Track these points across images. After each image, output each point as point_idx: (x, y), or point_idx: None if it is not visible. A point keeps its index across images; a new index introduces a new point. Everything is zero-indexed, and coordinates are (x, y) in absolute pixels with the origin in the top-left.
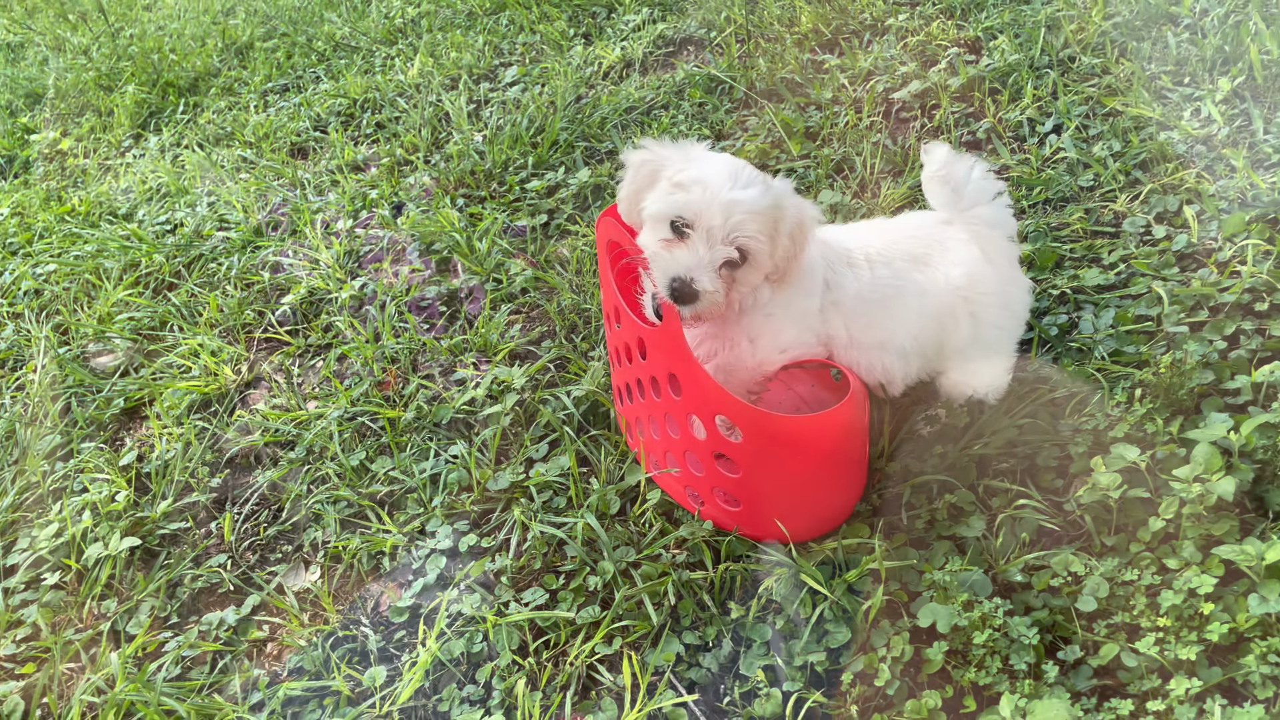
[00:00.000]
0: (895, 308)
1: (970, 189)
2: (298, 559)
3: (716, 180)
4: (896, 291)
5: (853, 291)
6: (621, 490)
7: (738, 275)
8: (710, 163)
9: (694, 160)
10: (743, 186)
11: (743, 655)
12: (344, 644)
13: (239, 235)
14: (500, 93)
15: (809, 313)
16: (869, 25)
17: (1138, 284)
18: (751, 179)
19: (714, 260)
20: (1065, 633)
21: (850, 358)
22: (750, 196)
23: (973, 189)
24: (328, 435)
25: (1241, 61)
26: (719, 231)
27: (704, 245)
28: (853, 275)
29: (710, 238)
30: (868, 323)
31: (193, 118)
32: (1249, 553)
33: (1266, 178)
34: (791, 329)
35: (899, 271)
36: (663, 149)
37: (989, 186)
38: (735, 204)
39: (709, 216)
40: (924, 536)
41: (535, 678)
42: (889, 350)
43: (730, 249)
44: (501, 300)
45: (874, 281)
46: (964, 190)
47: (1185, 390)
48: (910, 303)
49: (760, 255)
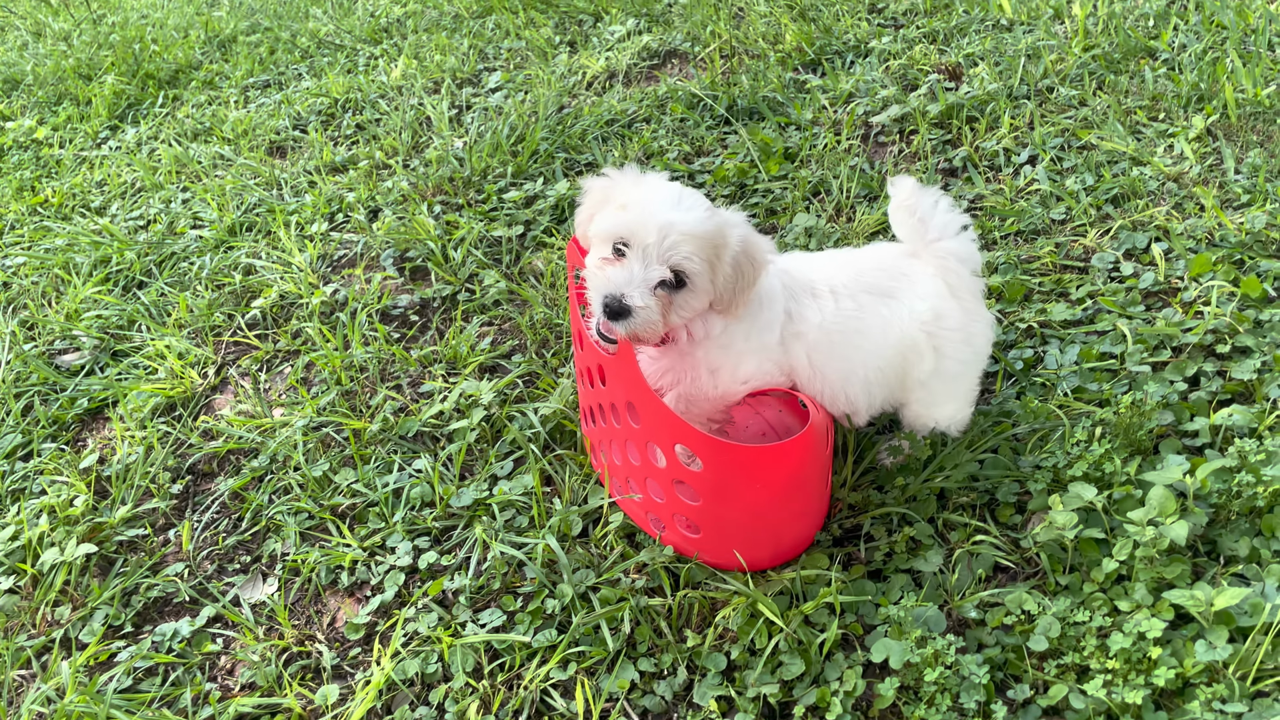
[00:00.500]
0: (858, 340)
1: (936, 221)
2: (256, 571)
3: (657, 202)
4: (860, 324)
5: (815, 322)
6: (584, 512)
7: (675, 299)
8: (657, 188)
9: (642, 184)
10: (684, 210)
11: (697, 684)
12: (298, 660)
13: (212, 234)
14: (483, 98)
15: (768, 345)
16: (852, 46)
17: (1103, 320)
18: (695, 204)
19: (648, 279)
20: (1016, 671)
21: (814, 388)
22: (689, 219)
23: (938, 221)
24: (292, 444)
25: (1216, 99)
26: (654, 250)
27: (639, 264)
28: (816, 306)
29: (645, 256)
30: (830, 354)
31: (171, 111)
32: (1199, 598)
33: (1234, 218)
34: (752, 360)
35: (863, 305)
36: (619, 175)
37: (955, 220)
38: (672, 225)
39: (644, 235)
40: (882, 569)
41: (489, 701)
42: (852, 381)
43: (664, 269)
44: (474, 311)
45: (838, 313)
46: (930, 222)
47: (1144, 431)
48: (874, 336)
49: (699, 279)
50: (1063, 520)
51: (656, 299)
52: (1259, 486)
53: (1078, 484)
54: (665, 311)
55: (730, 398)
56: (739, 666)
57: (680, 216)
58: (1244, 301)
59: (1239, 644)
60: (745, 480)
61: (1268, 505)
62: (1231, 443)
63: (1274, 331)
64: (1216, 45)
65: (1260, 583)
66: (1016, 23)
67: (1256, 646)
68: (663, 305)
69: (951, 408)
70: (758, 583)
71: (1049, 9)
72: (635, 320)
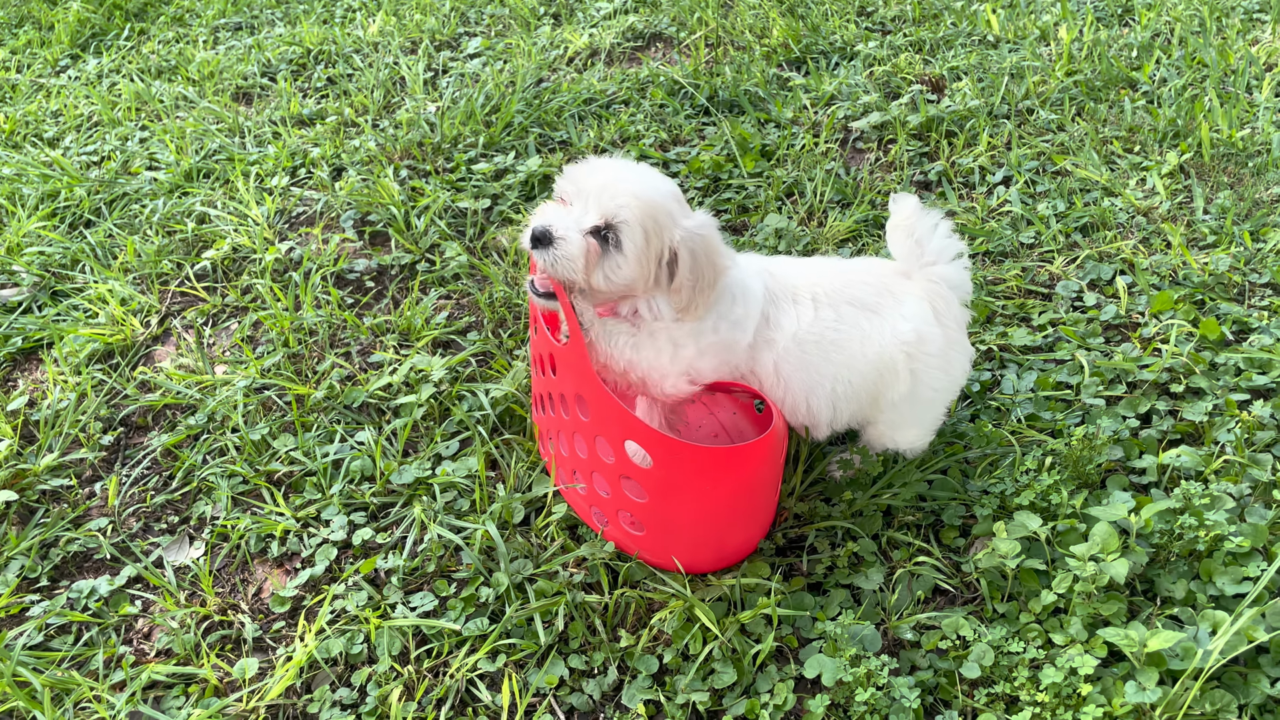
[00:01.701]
0: (832, 353)
1: (933, 245)
2: (183, 533)
3: (614, 166)
4: (837, 336)
5: (790, 331)
6: (528, 500)
7: (604, 256)
8: (622, 161)
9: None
10: (639, 175)
11: (627, 685)
12: (219, 629)
13: (168, 178)
14: (460, 64)
15: (738, 343)
16: (839, 48)
17: (1063, 349)
18: (655, 177)
19: (580, 221)
20: (947, 696)
21: (775, 396)
22: (638, 180)
23: (935, 246)
24: (232, 405)
25: (1192, 137)
26: (594, 199)
27: (578, 208)
28: (794, 314)
29: (584, 203)
30: (799, 364)
31: (137, 45)
32: (1132, 638)
33: (1199, 258)
34: (714, 355)
35: (843, 316)
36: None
37: (951, 246)
38: (619, 180)
39: (587, 185)
40: (823, 582)
41: (413, 687)
42: (817, 394)
43: (598, 217)
44: (432, 284)
45: (815, 323)
46: (926, 245)
47: (1093, 465)
48: (850, 350)
49: (629, 244)
50: (1005, 548)
51: (584, 242)
52: (1200, 530)
53: (1023, 513)
54: (590, 261)
55: (685, 381)
56: (671, 671)
57: (631, 176)
58: (1201, 343)
59: (1168, 687)
60: (696, 481)
61: (1207, 549)
62: (1177, 484)
63: (1228, 375)
64: (1196, 83)
65: (1194, 626)
66: (1003, 40)
67: (1185, 690)
68: (589, 253)
69: (915, 433)
70: (697, 587)
71: (1036, 30)
72: (556, 251)
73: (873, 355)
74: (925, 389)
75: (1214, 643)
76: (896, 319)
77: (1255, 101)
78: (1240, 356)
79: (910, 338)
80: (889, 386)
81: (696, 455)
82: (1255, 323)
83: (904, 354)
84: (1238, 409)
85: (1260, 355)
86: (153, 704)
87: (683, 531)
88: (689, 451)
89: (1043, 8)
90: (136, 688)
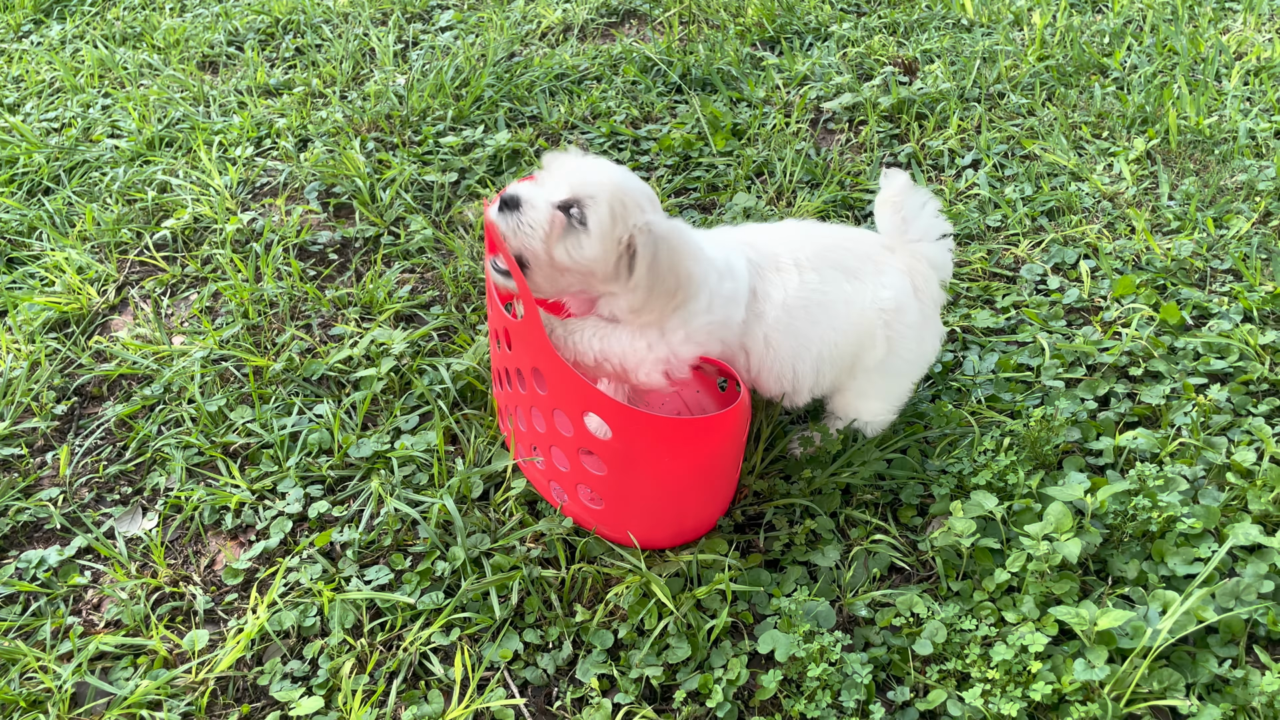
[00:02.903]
0: (819, 316)
1: (919, 223)
2: (136, 504)
3: (592, 159)
4: (823, 299)
5: (779, 300)
6: (487, 474)
7: (569, 234)
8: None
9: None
10: (612, 166)
11: (581, 660)
12: (170, 601)
13: (130, 145)
14: (432, 36)
15: (731, 320)
16: (813, 28)
17: (1025, 332)
18: (627, 172)
19: (549, 195)
20: (899, 673)
21: (765, 364)
22: (612, 170)
23: (922, 224)
24: (189, 375)
25: (1160, 124)
26: (564, 179)
27: (548, 182)
28: (780, 282)
29: (555, 179)
30: (788, 332)
31: (102, 11)
32: (1083, 616)
33: (1163, 243)
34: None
35: (827, 279)
36: None
37: (938, 226)
38: (593, 168)
39: (559, 167)
40: (780, 559)
41: (365, 660)
42: (804, 358)
43: (567, 192)
44: (396, 257)
45: (801, 289)
46: (913, 223)
47: (1051, 446)
48: (835, 311)
49: (596, 223)
50: (961, 527)
51: (551, 213)
52: (1154, 511)
53: (980, 492)
54: (554, 233)
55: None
56: (625, 645)
57: (607, 166)
58: (1161, 327)
59: (1117, 665)
60: (655, 453)
61: (1160, 530)
62: (1133, 465)
63: (1186, 359)
64: (1166, 70)
65: (1144, 606)
66: (977, 24)
67: (1133, 669)
68: (554, 223)
69: (879, 405)
70: (654, 563)
71: (1010, 14)
72: (521, 216)
73: (855, 318)
74: (898, 359)
75: (1163, 622)
76: (877, 285)
77: (1224, 90)
78: (1199, 341)
79: (890, 305)
80: (867, 352)
81: (656, 426)
82: (1215, 308)
83: (882, 320)
84: (1195, 392)
85: (1218, 340)
86: (100, 675)
87: (641, 506)
88: (648, 421)
89: None
90: (84, 659)
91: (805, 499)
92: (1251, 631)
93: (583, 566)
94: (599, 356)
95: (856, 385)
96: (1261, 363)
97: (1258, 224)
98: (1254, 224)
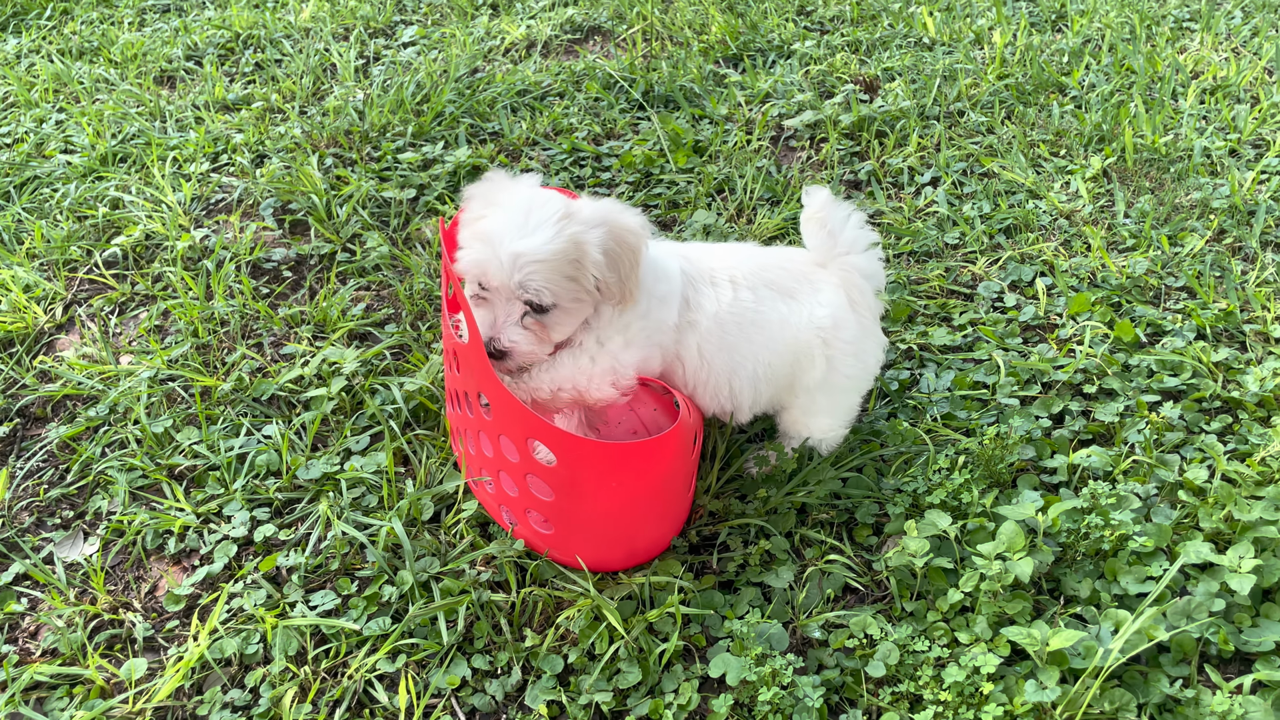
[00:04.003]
0: (753, 334)
1: (846, 236)
2: (77, 528)
3: (502, 232)
4: (756, 317)
5: (711, 312)
6: (438, 496)
7: (548, 321)
8: (505, 209)
9: (493, 204)
10: (530, 233)
11: (530, 685)
12: (109, 628)
13: (83, 161)
14: (394, 51)
15: (665, 323)
16: (776, 46)
17: (981, 349)
18: (543, 221)
19: (511, 316)
20: (852, 695)
21: (700, 378)
22: (535, 245)
23: (848, 236)
24: (135, 396)
25: (1116, 142)
26: (508, 289)
27: (501, 304)
28: (713, 295)
29: (505, 295)
30: (721, 345)
31: (59, 25)
32: (1035, 636)
33: (1118, 260)
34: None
35: (762, 298)
36: (480, 186)
37: (864, 236)
38: (518, 257)
39: (497, 275)
40: (734, 580)
41: (308, 688)
42: (739, 374)
43: (521, 305)
44: (351, 274)
45: (735, 304)
46: (839, 236)
47: (1005, 464)
48: (771, 331)
49: (564, 298)
50: (915, 546)
51: (528, 330)
52: (1106, 529)
53: (934, 511)
54: (542, 336)
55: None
56: (576, 670)
57: (526, 245)
58: (1116, 344)
59: (1069, 685)
60: (599, 479)
61: (1112, 549)
62: (1086, 483)
63: (1140, 377)
64: (1124, 88)
65: (1097, 625)
66: (938, 43)
67: (1085, 689)
68: (537, 332)
69: (828, 421)
70: (606, 585)
71: (971, 33)
72: (515, 359)
73: (790, 338)
74: (839, 375)
75: (1115, 642)
76: (813, 305)
77: (1180, 108)
78: (1153, 359)
79: (826, 323)
80: (805, 371)
81: (598, 452)
82: (1169, 325)
83: (820, 339)
84: (1148, 410)
85: (1172, 358)
86: (34, 705)
87: (591, 529)
88: (590, 449)
89: (978, 12)
90: (17, 689)
91: (760, 519)
92: (1203, 651)
93: (534, 590)
94: (552, 387)
95: (800, 404)
96: (1214, 380)
97: (1211, 241)
98: (1208, 241)
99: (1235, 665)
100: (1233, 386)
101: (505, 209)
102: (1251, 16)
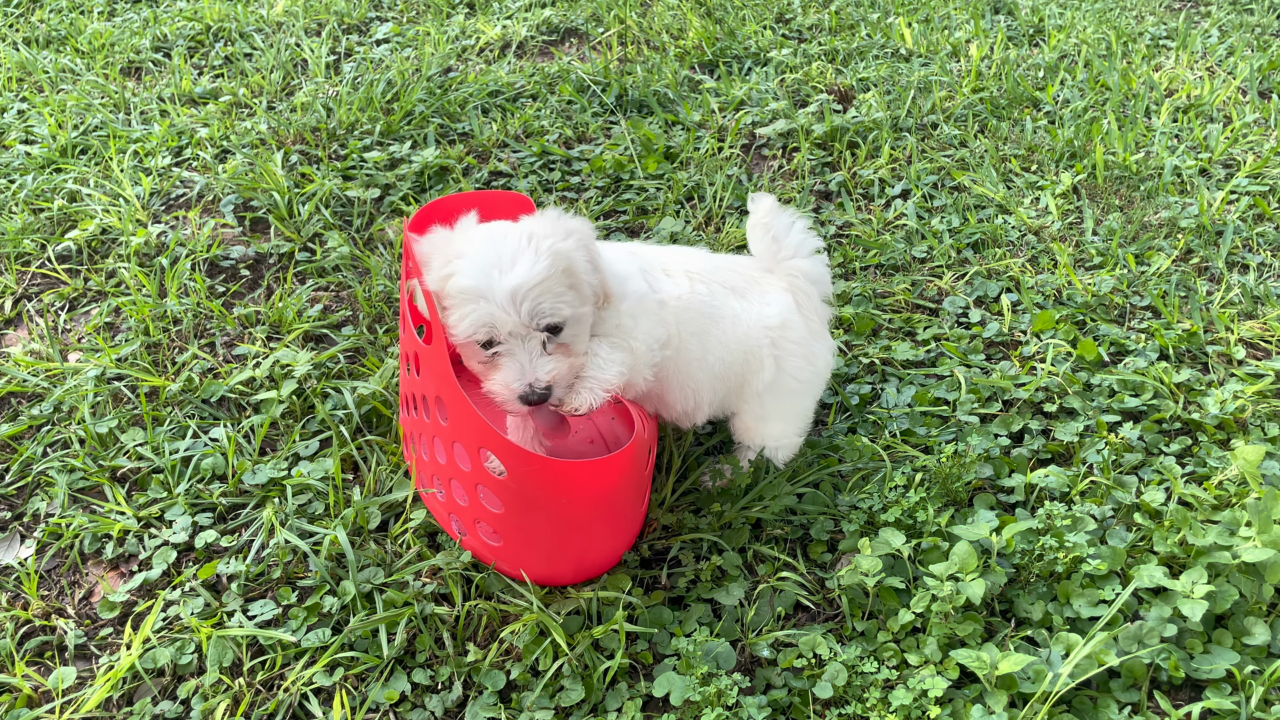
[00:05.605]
0: (709, 325)
1: (790, 241)
2: (14, 530)
3: (486, 280)
4: (712, 311)
5: (675, 294)
6: (386, 504)
7: (567, 338)
8: (472, 257)
9: (455, 257)
10: (512, 266)
11: (471, 701)
12: (39, 635)
13: (41, 152)
14: (367, 48)
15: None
16: (753, 53)
17: (944, 365)
18: (517, 250)
19: (534, 353)
20: (799, 716)
21: (675, 363)
22: (526, 273)
23: (793, 241)
24: (80, 395)
25: (1088, 159)
26: (520, 327)
27: (520, 348)
28: (671, 284)
29: (519, 336)
30: (693, 330)
31: (26, 13)
32: (984, 660)
33: (1084, 278)
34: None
35: (715, 293)
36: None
37: (809, 242)
38: (517, 291)
39: (505, 322)
40: (684, 596)
41: (241, 700)
42: (706, 363)
43: (542, 334)
44: (310, 274)
45: (692, 295)
46: (784, 241)
47: (961, 483)
48: (724, 325)
49: (573, 308)
50: (868, 565)
51: (555, 357)
52: (1060, 551)
53: (888, 530)
54: (568, 354)
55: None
56: (518, 687)
57: (518, 277)
58: (1078, 363)
59: (1018, 710)
60: (549, 494)
61: (1066, 571)
62: (1043, 504)
63: (1102, 396)
64: (1097, 105)
65: (1048, 649)
66: (915, 54)
67: (1034, 714)
68: (564, 351)
69: (780, 427)
70: (553, 599)
71: (948, 45)
72: (558, 389)
73: (741, 335)
74: (788, 378)
75: (1065, 666)
76: (761, 305)
77: (1153, 126)
78: (1115, 378)
79: (774, 322)
80: (755, 372)
81: (548, 468)
82: (1132, 345)
83: (768, 339)
84: (1108, 430)
85: (1134, 378)
86: None
87: (540, 543)
88: (541, 464)
89: (956, 24)
90: None
91: (714, 534)
92: (1153, 676)
93: (479, 603)
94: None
95: (751, 409)
96: (1175, 401)
97: (1178, 261)
98: (1174, 261)
99: (1185, 692)
100: (1193, 408)
101: (472, 257)
102: (1228, 35)
